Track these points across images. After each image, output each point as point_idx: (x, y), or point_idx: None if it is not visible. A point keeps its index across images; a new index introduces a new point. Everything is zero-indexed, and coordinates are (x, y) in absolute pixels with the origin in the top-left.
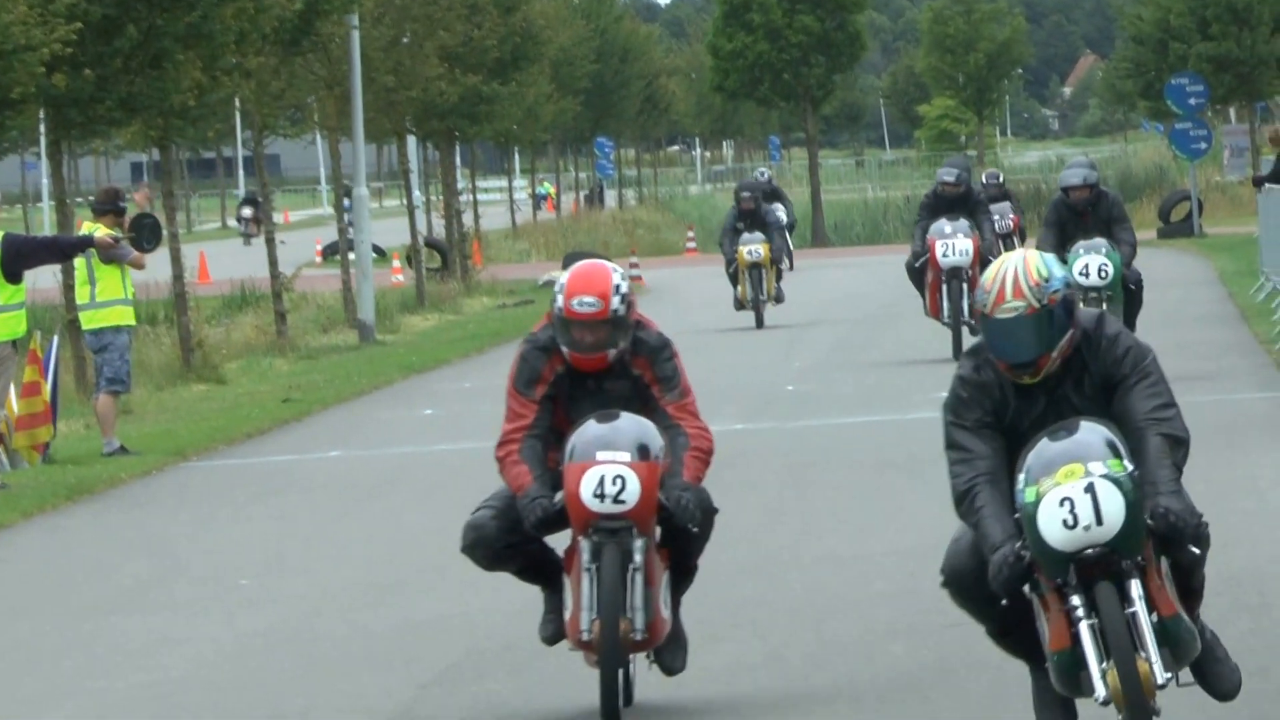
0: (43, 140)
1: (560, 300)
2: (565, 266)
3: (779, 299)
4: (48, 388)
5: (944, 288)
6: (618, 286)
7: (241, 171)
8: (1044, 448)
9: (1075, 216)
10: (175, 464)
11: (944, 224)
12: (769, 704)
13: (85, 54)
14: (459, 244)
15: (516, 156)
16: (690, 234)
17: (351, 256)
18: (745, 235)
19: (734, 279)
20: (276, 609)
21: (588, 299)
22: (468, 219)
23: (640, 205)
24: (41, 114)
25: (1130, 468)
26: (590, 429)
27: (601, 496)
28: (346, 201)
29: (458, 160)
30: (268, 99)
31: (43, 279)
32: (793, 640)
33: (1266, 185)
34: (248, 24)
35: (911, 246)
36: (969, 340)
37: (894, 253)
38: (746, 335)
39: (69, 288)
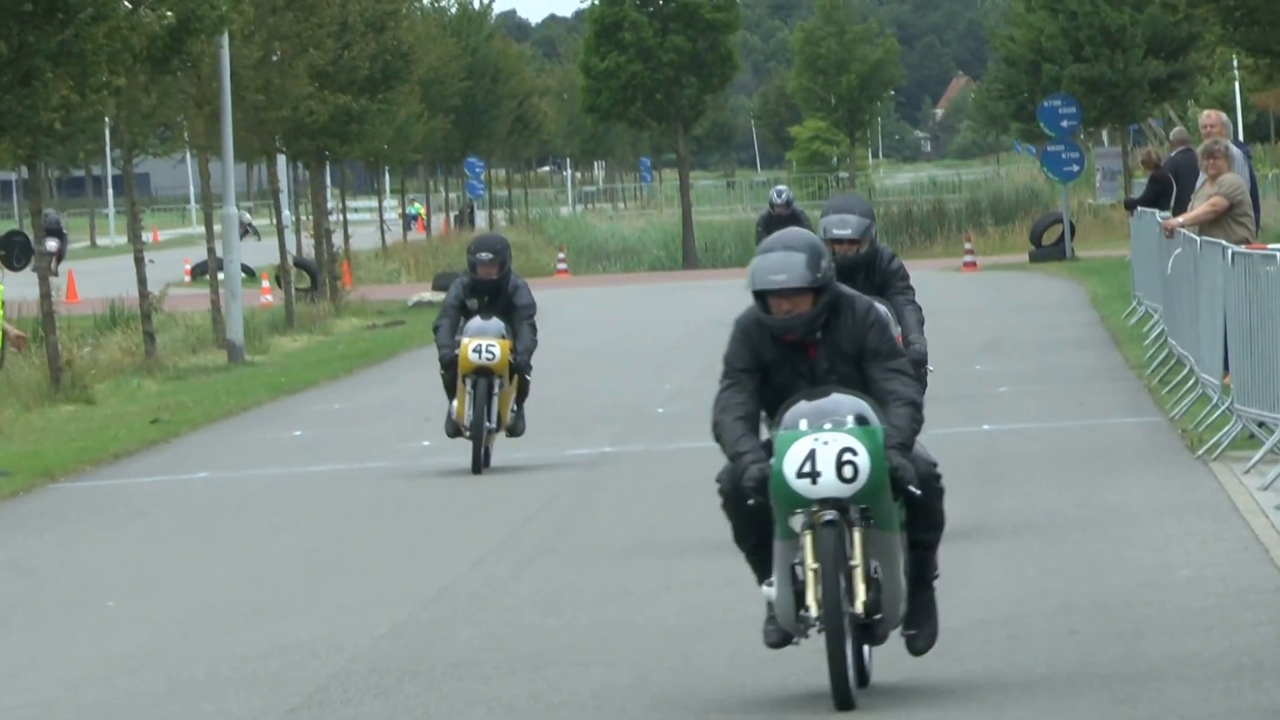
0: None
1: None
2: (435, 288)
3: (515, 430)
4: None
5: None
6: None
7: (111, 190)
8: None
9: (788, 354)
10: (43, 485)
11: None
12: None
13: None
14: (328, 264)
15: (387, 176)
16: (561, 255)
17: (220, 276)
18: (476, 322)
19: (450, 388)
20: (144, 631)
21: None
22: (337, 239)
23: (511, 226)
24: None
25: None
26: None
27: None
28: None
29: (327, 180)
30: (137, 117)
31: None
32: (661, 664)
33: (1139, 209)
34: (119, 43)
35: None
36: None
37: None
38: (619, 353)
39: None
